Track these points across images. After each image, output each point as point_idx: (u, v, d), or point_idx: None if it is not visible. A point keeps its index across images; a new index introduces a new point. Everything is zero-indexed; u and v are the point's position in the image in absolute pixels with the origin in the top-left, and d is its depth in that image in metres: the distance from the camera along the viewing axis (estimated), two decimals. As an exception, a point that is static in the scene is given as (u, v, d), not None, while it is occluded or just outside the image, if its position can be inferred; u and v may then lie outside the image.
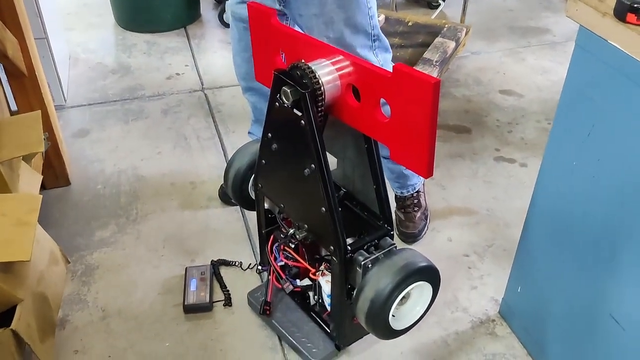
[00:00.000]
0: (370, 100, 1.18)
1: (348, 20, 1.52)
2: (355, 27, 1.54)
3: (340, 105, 1.25)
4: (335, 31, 1.52)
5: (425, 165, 1.12)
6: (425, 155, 1.11)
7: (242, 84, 1.85)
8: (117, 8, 3.26)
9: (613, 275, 1.20)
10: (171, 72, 2.85)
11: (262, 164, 1.43)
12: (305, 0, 1.50)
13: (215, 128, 2.44)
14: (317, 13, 1.50)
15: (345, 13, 1.51)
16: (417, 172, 1.17)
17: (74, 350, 1.54)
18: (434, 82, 1.03)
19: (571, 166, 1.25)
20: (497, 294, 1.71)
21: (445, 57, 2.39)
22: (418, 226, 1.89)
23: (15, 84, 1.87)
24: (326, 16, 1.50)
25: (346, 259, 1.31)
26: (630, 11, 1.02)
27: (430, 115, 1.06)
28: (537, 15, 3.50)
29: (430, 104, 1.05)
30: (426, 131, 1.08)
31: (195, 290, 1.68)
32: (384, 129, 1.18)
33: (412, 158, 1.15)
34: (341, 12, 1.50)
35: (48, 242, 1.53)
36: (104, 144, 2.33)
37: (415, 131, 1.10)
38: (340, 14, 1.51)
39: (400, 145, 1.16)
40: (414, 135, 1.11)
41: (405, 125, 1.12)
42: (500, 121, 2.52)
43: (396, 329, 1.31)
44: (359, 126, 1.25)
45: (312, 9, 1.50)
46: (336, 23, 1.51)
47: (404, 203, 1.90)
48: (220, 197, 2.03)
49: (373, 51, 1.60)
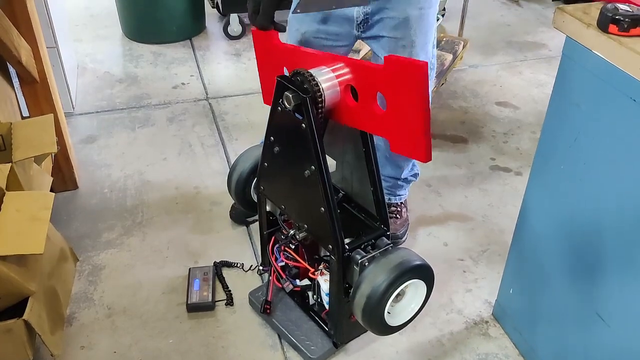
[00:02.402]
0: (368, 96, 1.25)
1: (425, 45, 1.62)
2: (425, 52, 1.64)
3: (340, 108, 1.32)
4: (411, 54, 1.60)
5: (423, 149, 1.19)
6: (422, 140, 1.18)
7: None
8: (124, 20, 3.35)
9: (599, 275, 1.26)
10: (177, 82, 2.92)
11: (264, 167, 1.50)
12: (390, 25, 1.56)
13: (219, 136, 2.50)
14: (399, 36, 1.58)
15: (425, 37, 1.61)
16: (416, 158, 1.23)
17: (80, 346, 1.59)
18: (422, 64, 1.11)
19: (559, 170, 1.31)
20: (491, 296, 1.76)
21: (442, 69, 2.46)
22: (399, 230, 1.95)
23: (27, 90, 1.95)
24: (407, 39, 1.58)
25: (344, 257, 1.37)
26: (612, 22, 1.10)
27: (422, 97, 1.14)
28: (533, 30, 3.58)
29: (421, 85, 1.12)
30: (421, 114, 1.15)
31: (198, 290, 1.74)
32: (382, 122, 1.25)
33: (410, 145, 1.22)
34: (421, 36, 1.59)
35: (58, 240, 1.59)
36: (111, 150, 2.40)
37: (411, 116, 1.17)
38: (421, 38, 1.59)
39: (398, 135, 1.23)
40: (410, 121, 1.18)
41: (401, 113, 1.19)
42: (496, 132, 2.58)
43: (391, 325, 1.37)
44: (359, 124, 1.32)
45: (395, 33, 1.58)
46: (415, 46, 1.60)
47: (388, 209, 1.96)
48: (231, 217, 2.04)
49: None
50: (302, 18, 1.64)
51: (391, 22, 1.56)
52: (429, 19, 1.59)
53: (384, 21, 1.55)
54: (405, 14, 1.55)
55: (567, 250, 1.35)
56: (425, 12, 1.57)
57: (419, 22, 1.57)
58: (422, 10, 1.56)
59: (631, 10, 1.10)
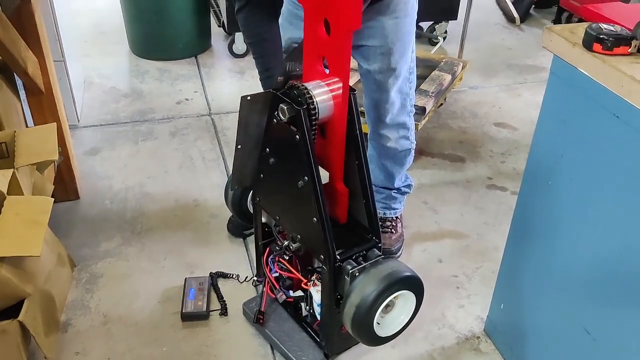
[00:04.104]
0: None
1: (404, 52, 1.68)
2: (405, 58, 1.70)
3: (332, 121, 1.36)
4: (390, 61, 1.66)
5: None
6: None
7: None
8: (132, 37, 3.42)
9: (585, 290, 1.28)
10: (181, 98, 2.98)
11: (260, 179, 1.53)
12: (368, 34, 1.62)
13: (220, 150, 2.54)
14: (376, 44, 1.64)
15: (403, 44, 1.66)
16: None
17: (75, 352, 1.61)
18: None
19: (547, 186, 1.34)
20: (483, 312, 1.77)
21: (441, 89, 2.50)
22: (394, 245, 1.97)
23: (32, 101, 2.00)
24: (385, 47, 1.64)
25: (335, 267, 1.39)
26: (596, 41, 1.13)
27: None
28: (534, 54, 3.63)
29: None
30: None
31: (193, 300, 1.76)
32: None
33: None
34: (399, 43, 1.65)
35: (56, 245, 1.62)
36: (113, 162, 2.44)
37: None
38: (398, 45, 1.65)
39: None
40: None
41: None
42: (494, 152, 2.61)
43: (381, 335, 1.38)
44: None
45: (373, 41, 1.64)
46: (394, 53, 1.65)
47: (384, 224, 1.99)
48: (228, 230, 2.07)
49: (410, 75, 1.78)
50: (287, 27, 1.71)
51: (368, 31, 1.61)
52: (405, 26, 1.65)
53: (362, 31, 1.59)
54: (382, 23, 1.61)
55: (555, 265, 1.37)
56: (401, 21, 1.63)
57: (395, 31, 1.63)
58: (398, 19, 1.62)
59: (615, 30, 1.14)
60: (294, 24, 1.69)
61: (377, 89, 1.72)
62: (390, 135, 1.81)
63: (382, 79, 1.69)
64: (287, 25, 1.72)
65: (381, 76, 1.69)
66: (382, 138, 1.81)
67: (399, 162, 1.89)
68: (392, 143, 1.82)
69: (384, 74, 1.68)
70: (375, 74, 1.68)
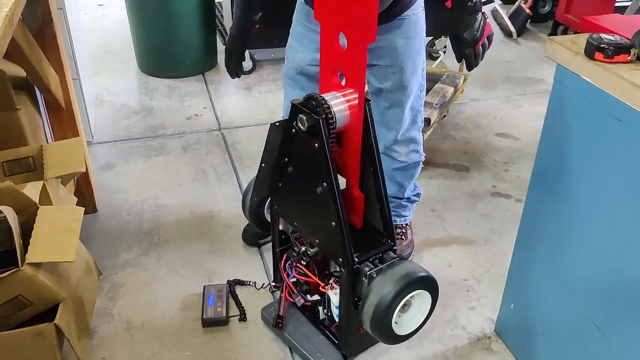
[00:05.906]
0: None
1: (415, 70, 1.75)
2: (416, 76, 1.77)
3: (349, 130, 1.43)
4: (402, 79, 1.73)
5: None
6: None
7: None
8: (140, 55, 3.51)
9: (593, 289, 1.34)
10: (190, 113, 3.05)
11: (278, 187, 1.60)
12: (379, 54, 1.69)
13: (232, 164, 2.62)
14: (388, 64, 1.71)
15: (414, 63, 1.74)
16: None
17: (101, 357, 1.67)
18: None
19: (553, 187, 1.41)
20: (493, 314, 1.83)
21: (444, 101, 2.58)
22: (405, 250, 2.04)
23: (53, 117, 2.07)
24: (396, 66, 1.71)
25: (353, 269, 1.46)
26: (598, 50, 1.21)
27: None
28: (532, 66, 3.73)
29: None
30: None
31: (213, 306, 1.82)
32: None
33: None
34: (409, 62, 1.72)
35: (84, 253, 1.68)
36: (128, 176, 2.51)
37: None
38: (409, 64, 1.72)
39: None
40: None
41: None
42: (497, 161, 2.69)
43: (399, 334, 1.44)
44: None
45: (384, 61, 1.71)
46: (405, 72, 1.72)
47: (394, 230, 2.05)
48: (243, 239, 2.13)
49: (420, 92, 1.84)
50: (297, 48, 1.79)
51: (380, 51, 1.68)
52: (415, 46, 1.72)
53: (374, 51, 1.67)
54: (393, 43, 1.68)
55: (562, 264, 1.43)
56: (412, 41, 1.70)
57: (406, 50, 1.70)
58: (409, 39, 1.69)
59: (614, 39, 1.22)
60: (304, 45, 1.76)
61: (389, 107, 1.79)
62: (401, 150, 1.88)
63: (394, 97, 1.76)
64: (297, 46, 1.79)
65: (393, 94, 1.76)
66: (393, 153, 1.88)
67: (409, 174, 1.96)
68: (402, 157, 1.89)
69: (395, 92, 1.75)
70: (388, 92, 1.75)
